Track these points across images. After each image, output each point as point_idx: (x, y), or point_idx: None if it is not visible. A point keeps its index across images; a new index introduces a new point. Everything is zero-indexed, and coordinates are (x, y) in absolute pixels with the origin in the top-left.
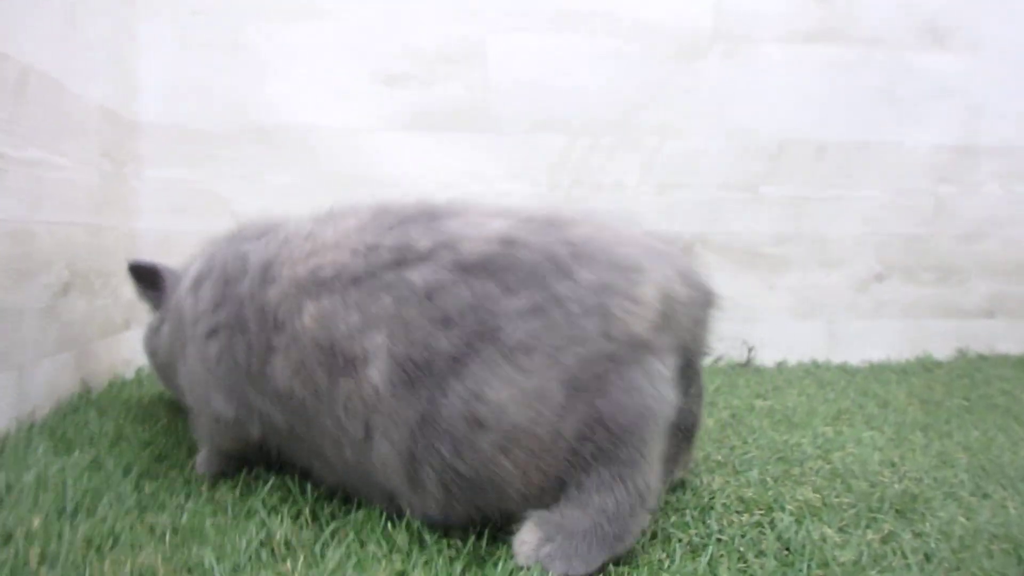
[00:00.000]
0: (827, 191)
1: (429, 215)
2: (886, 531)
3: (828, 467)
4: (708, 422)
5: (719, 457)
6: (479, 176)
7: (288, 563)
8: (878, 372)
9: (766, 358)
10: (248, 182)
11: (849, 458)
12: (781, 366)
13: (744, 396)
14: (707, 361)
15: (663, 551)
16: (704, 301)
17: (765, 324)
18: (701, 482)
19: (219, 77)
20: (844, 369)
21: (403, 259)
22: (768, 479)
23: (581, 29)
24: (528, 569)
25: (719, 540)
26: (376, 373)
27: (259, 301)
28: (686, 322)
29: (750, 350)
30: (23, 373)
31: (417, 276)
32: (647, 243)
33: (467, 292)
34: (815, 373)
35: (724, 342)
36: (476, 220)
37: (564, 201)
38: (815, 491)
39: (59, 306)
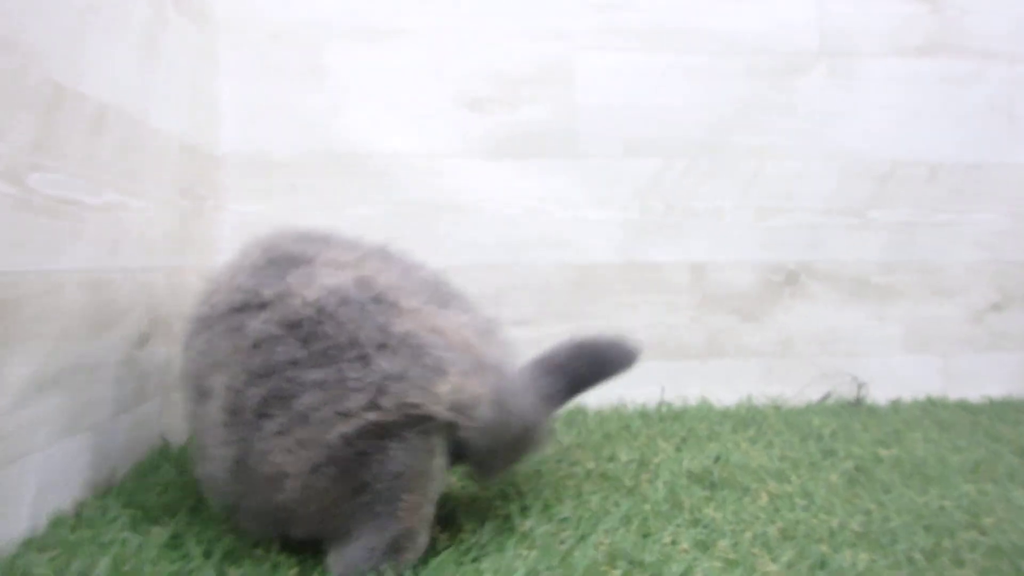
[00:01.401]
0: (939, 215)
1: (289, 259)
2: None
3: (984, 539)
4: (831, 477)
5: (856, 526)
6: (565, 202)
7: None
8: (1000, 411)
9: (877, 395)
10: (328, 213)
11: (1005, 526)
12: (896, 405)
13: (865, 443)
14: (814, 399)
15: None
16: (513, 428)
17: (874, 359)
18: (845, 560)
19: (298, 103)
20: (964, 407)
21: (248, 304)
22: (917, 555)
23: (674, 46)
24: None
25: None
26: (214, 409)
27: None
28: (476, 435)
29: (860, 387)
30: (100, 432)
31: (252, 324)
32: (474, 353)
33: (282, 351)
34: (932, 412)
35: (832, 379)
36: (319, 271)
37: (657, 229)
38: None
39: (138, 356)
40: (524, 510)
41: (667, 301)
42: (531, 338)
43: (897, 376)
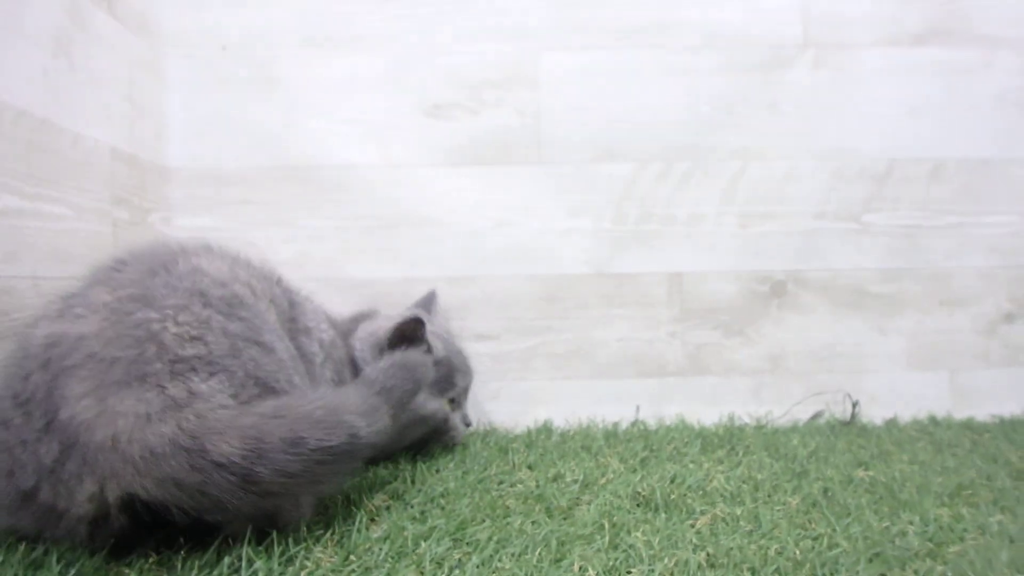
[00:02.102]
0: (945, 217)
1: (90, 278)
2: None
3: (940, 569)
4: (792, 500)
5: (797, 552)
6: (534, 212)
7: None
8: (1009, 430)
9: (875, 415)
10: (282, 227)
11: (971, 555)
12: (891, 424)
13: (842, 464)
14: (804, 418)
15: None
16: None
17: (875, 375)
18: None
19: (250, 115)
20: (969, 427)
21: (60, 314)
22: None
23: (645, 43)
24: None
25: None
26: None
27: None
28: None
29: (854, 405)
30: None
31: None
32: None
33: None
34: (933, 433)
35: (825, 397)
36: (87, 296)
37: (632, 238)
38: None
39: None
40: (433, 531)
41: (644, 315)
42: (497, 353)
43: (900, 394)
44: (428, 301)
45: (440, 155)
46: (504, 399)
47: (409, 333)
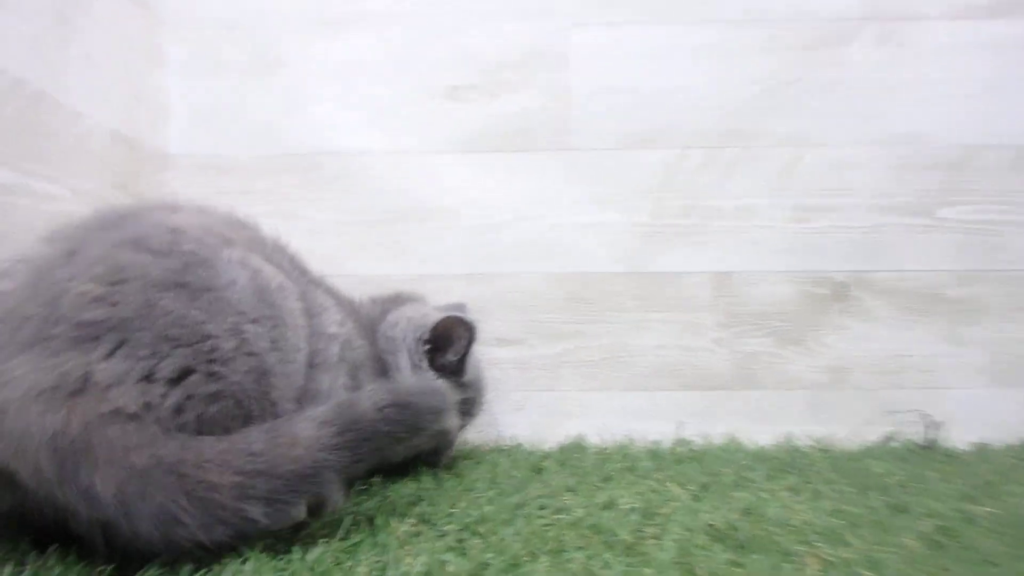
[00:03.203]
0: None
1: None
2: None
3: None
4: (908, 541)
5: None
6: (559, 204)
7: None
8: None
9: (956, 437)
10: (283, 219)
11: None
12: (983, 450)
13: (947, 497)
14: (872, 440)
15: None
16: None
17: (952, 392)
18: None
19: (251, 101)
20: None
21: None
22: None
23: (685, 18)
24: None
25: None
26: None
27: None
28: None
29: (931, 426)
30: None
31: None
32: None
33: None
34: None
35: (895, 416)
36: (29, 253)
37: (672, 232)
38: None
39: None
40: (484, 569)
41: (686, 319)
42: (520, 359)
43: (980, 413)
44: (457, 310)
45: (454, 141)
46: (530, 411)
47: (455, 335)
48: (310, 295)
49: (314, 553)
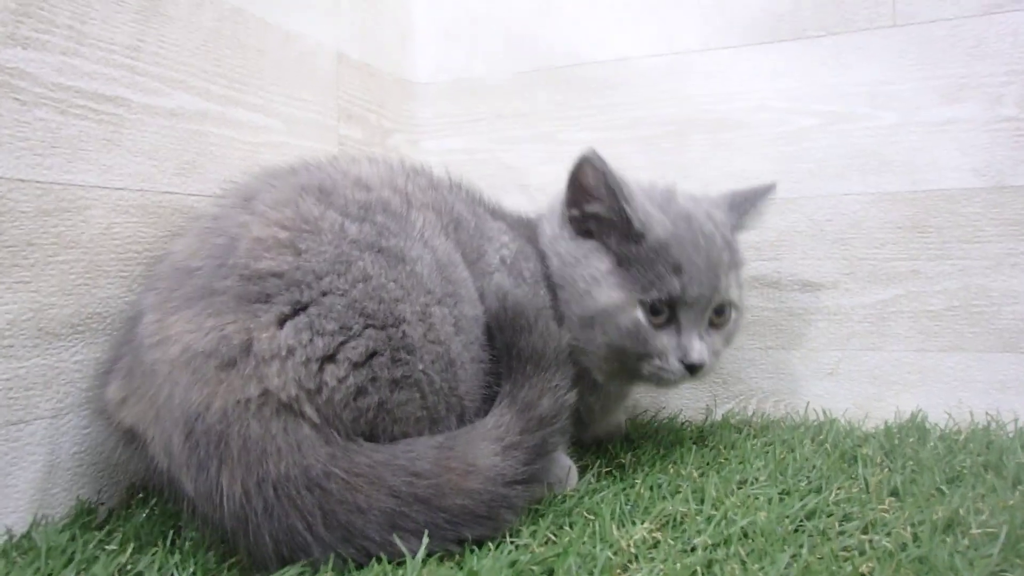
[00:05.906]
0: None
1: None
2: None
3: None
4: None
5: None
6: (887, 100)
7: None
8: None
9: None
10: (541, 143)
11: None
12: None
13: None
14: None
15: None
16: None
17: None
18: None
19: (501, 11)
20: None
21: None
22: None
23: None
24: None
25: None
26: None
27: None
28: None
29: None
30: None
31: None
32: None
33: None
34: None
35: None
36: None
37: None
38: None
39: None
40: None
41: None
42: (833, 309)
43: None
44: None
45: (741, 31)
46: (845, 377)
47: (585, 181)
48: (483, 226)
49: (484, 562)
